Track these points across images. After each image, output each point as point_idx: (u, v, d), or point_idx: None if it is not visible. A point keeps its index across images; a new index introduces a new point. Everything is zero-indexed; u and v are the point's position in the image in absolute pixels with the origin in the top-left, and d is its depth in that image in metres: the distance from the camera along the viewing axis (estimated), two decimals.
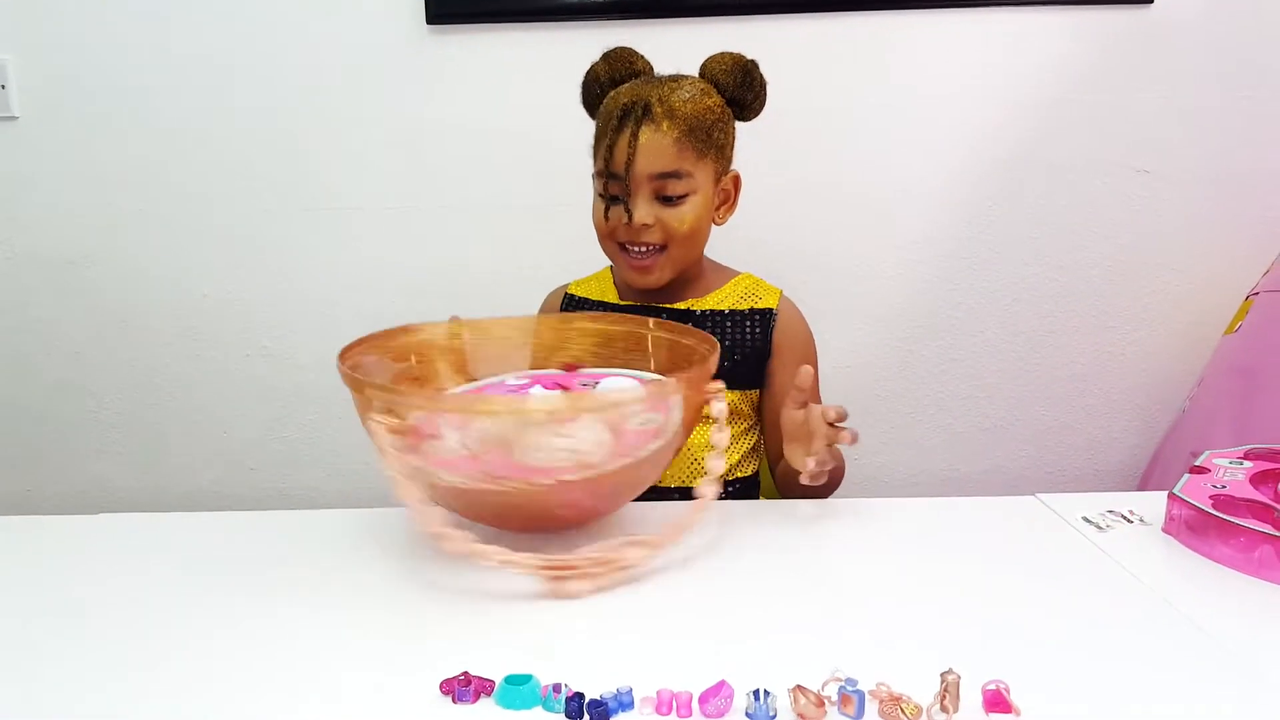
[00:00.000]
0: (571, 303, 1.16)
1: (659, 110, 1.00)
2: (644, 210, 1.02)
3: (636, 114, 1.00)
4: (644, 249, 1.04)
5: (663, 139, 1.00)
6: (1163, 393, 1.68)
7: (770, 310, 1.10)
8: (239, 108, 1.64)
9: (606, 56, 1.09)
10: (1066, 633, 0.65)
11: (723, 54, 1.07)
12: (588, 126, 1.10)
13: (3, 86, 1.63)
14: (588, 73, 1.10)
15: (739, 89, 1.06)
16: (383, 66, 1.63)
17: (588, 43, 1.47)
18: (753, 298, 1.11)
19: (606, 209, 1.05)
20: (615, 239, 1.06)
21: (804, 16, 1.58)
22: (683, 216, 1.03)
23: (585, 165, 1.15)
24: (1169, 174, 1.62)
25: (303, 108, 1.64)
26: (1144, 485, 1.51)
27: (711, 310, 1.10)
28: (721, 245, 1.14)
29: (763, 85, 1.07)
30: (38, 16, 1.62)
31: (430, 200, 1.67)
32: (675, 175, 1.01)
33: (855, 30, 1.58)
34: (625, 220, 1.02)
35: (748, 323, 1.09)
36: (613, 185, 1.03)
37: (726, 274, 1.14)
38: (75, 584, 0.78)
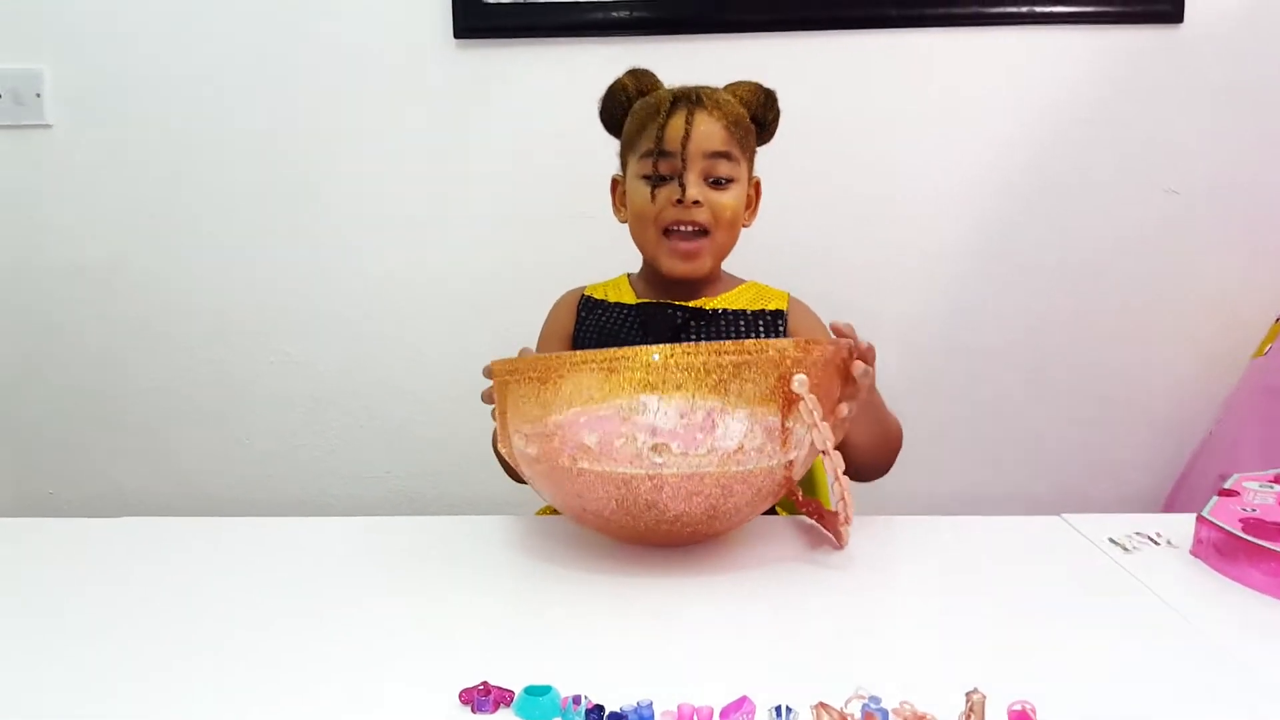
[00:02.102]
0: (588, 305, 1.16)
1: (708, 101, 1.05)
2: (695, 188, 1.03)
3: (690, 99, 1.04)
4: (691, 228, 1.05)
5: (715, 124, 1.04)
6: (1188, 415, 1.65)
7: (781, 311, 1.11)
8: (266, 120, 1.66)
9: (632, 72, 1.13)
10: (1093, 654, 0.64)
11: (745, 81, 1.12)
12: (614, 140, 1.12)
13: (37, 95, 1.65)
14: (613, 85, 1.13)
15: (760, 109, 1.11)
16: (410, 81, 1.64)
17: (616, 59, 1.48)
18: (762, 300, 1.12)
19: (653, 190, 1.05)
20: (661, 222, 1.05)
21: (833, 34, 1.58)
22: (726, 201, 1.05)
23: (610, 179, 1.15)
24: (1198, 194, 1.60)
25: (331, 120, 1.66)
26: (1169, 509, 1.49)
27: (725, 309, 1.10)
28: (742, 252, 1.13)
29: (779, 112, 1.13)
30: (72, 26, 1.65)
31: (455, 212, 1.68)
32: (726, 156, 1.04)
33: (881, 49, 1.59)
34: (677, 198, 1.02)
35: (760, 323, 1.09)
36: (663, 164, 1.04)
37: (734, 280, 1.16)
38: (94, 586, 0.79)
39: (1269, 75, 1.57)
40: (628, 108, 1.11)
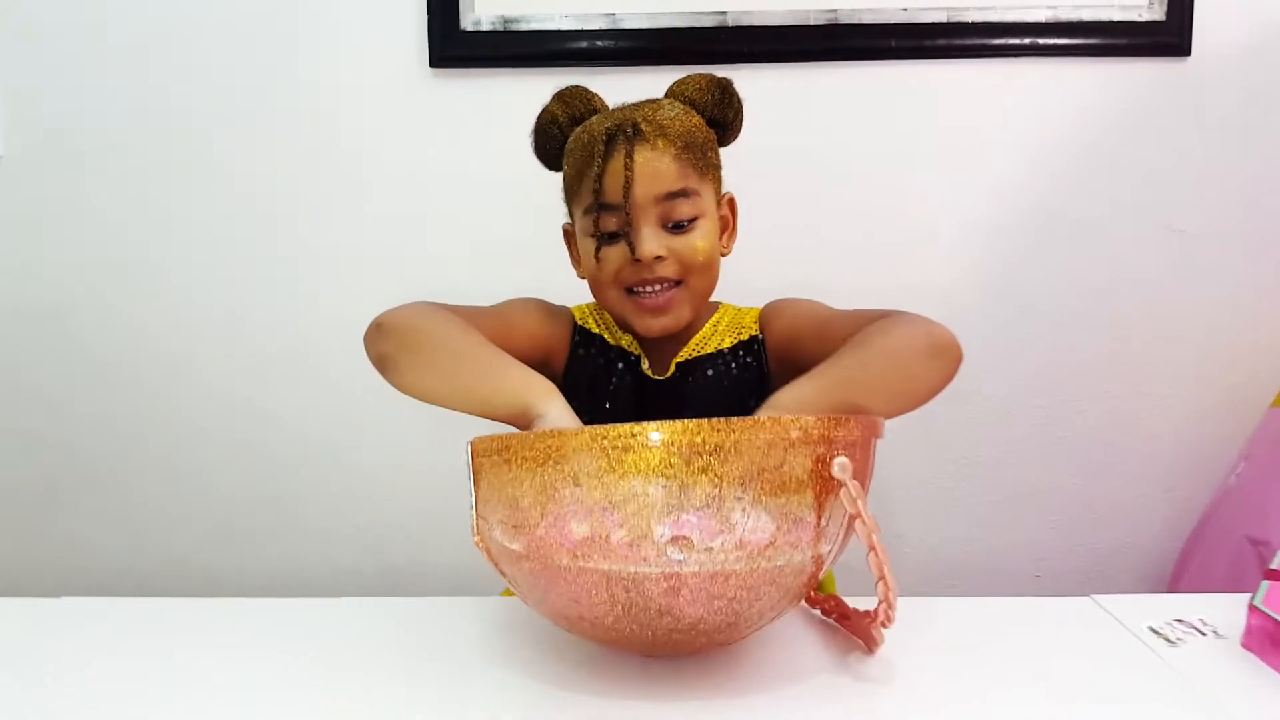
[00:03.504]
0: (584, 338, 1.02)
1: (649, 129, 0.88)
2: (652, 241, 0.88)
3: (626, 134, 0.88)
4: (657, 287, 0.90)
5: (661, 157, 0.88)
6: (1199, 465, 1.57)
7: (756, 336, 0.99)
8: (233, 153, 1.57)
9: (560, 96, 0.97)
10: None
11: (693, 75, 0.96)
12: None
13: None
14: (541, 116, 0.98)
15: (717, 108, 0.95)
16: (384, 111, 1.56)
17: (598, 90, 1.40)
18: (737, 330, 0.99)
19: (598, 250, 0.90)
20: (619, 284, 0.91)
21: (826, 66, 1.51)
22: (695, 244, 0.89)
23: (561, 229, 1.06)
24: (1206, 234, 1.54)
25: (301, 152, 1.57)
26: (1183, 562, 1.42)
27: (708, 354, 0.97)
28: (730, 292, 1.05)
29: (740, 104, 0.97)
30: (25, 55, 1.56)
31: (431, 246, 1.59)
32: (683, 194, 0.89)
33: (882, 80, 1.52)
34: (630, 257, 0.88)
35: (745, 354, 0.98)
36: (608, 219, 0.89)
37: (710, 308, 1.01)
38: (34, 672, 0.69)
39: (1277, 109, 1.52)
40: (564, 141, 0.96)
